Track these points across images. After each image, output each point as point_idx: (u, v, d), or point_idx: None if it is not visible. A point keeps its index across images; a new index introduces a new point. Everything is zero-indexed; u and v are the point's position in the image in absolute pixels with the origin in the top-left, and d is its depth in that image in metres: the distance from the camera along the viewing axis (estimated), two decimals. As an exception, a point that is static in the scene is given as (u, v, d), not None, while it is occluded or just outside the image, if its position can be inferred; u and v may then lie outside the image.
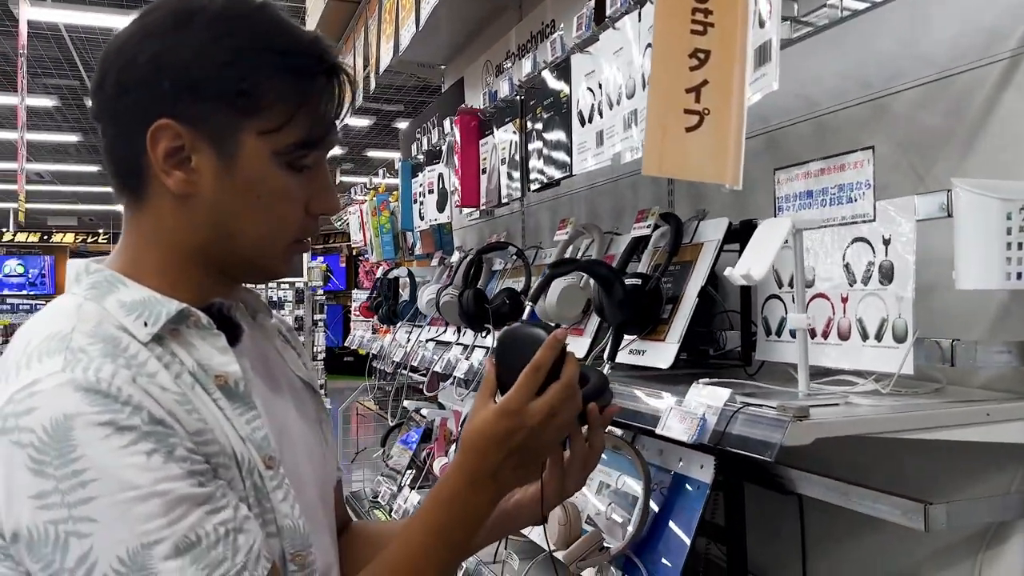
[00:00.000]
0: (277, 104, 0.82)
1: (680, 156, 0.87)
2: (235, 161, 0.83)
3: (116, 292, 0.83)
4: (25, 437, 0.72)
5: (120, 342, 0.79)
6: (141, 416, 0.74)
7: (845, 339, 1.18)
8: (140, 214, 0.86)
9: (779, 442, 0.94)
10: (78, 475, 0.70)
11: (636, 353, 1.40)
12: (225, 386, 0.83)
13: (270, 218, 0.86)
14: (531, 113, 1.71)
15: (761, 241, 1.09)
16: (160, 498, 0.72)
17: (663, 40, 0.88)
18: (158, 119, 0.80)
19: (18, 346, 0.80)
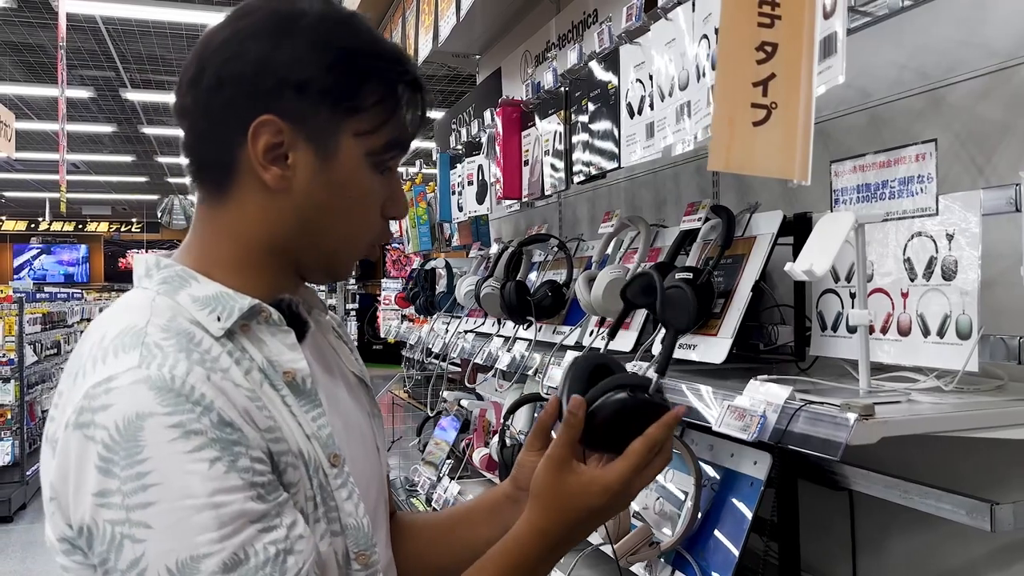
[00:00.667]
0: (373, 107, 0.85)
1: (747, 151, 0.85)
2: (332, 159, 0.85)
3: (188, 287, 0.84)
4: (98, 433, 0.73)
5: (194, 336, 0.80)
6: (210, 418, 0.74)
7: (905, 335, 1.16)
8: (221, 208, 0.87)
9: (845, 441, 0.93)
10: (141, 477, 0.71)
11: (687, 348, 1.38)
12: (293, 383, 0.84)
13: (355, 218, 0.88)
14: (576, 104, 1.69)
15: (822, 235, 1.07)
16: (215, 511, 0.72)
17: (729, 32, 0.86)
18: (260, 115, 0.82)
19: (92, 340, 0.81)
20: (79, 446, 0.73)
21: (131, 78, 7.75)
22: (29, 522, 6.64)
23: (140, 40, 6.61)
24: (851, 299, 1.26)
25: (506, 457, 1.87)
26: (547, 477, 0.91)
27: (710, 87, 1.19)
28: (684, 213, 1.48)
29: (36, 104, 8.91)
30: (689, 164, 2.04)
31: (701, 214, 1.43)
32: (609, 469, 0.90)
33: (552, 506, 0.90)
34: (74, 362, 0.81)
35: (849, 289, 1.27)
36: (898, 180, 1.18)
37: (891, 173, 1.19)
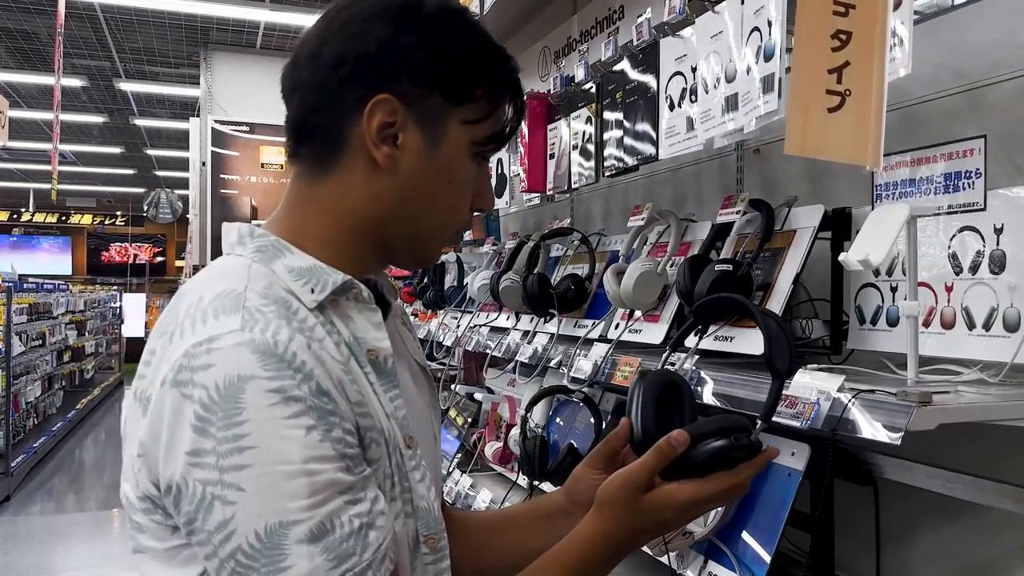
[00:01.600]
0: (481, 99, 0.88)
1: (822, 137, 0.87)
2: (439, 144, 0.87)
3: (283, 257, 0.85)
4: (196, 392, 0.73)
5: (291, 305, 0.80)
6: (309, 386, 0.74)
7: (949, 328, 1.18)
8: (321, 183, 0.88)
9: (904, 427, 0.94)
10: (238, 440, 0.71)
11: (723, 339, 1.39)
12: (375, 361, 0.85)
13: (451, 203, 0.90)
14: (609, 98, 1.70)
15: (876, 227, 1.08)
16: (308, 478, 0.72)
17: (806, 20, 0.87)
18: (378, 94, 0.84)
19: (188, 301, 0.81)
20: (175, 404, 0.73)
21: (126, 68, 7.69)
22: (13, 514, 6.55)
23: (138, 30, 6.57)
24: (891, 293, 1.28)
25: (528, 449, 1.87)
26: (622, 494, 0.89)
27: (762, 79, 1.20)
28: (721, 206, 1.49)
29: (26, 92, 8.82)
30: (713, 161, 2.05)
31: (739, 207, 1.44)
32: (685, 489, 0.89)
33: (623, 517, 0.89)
34: (167, 322, 0.81)
35: (890, 283, 1.28)
36: (943, 175, 1.20)
37: (935, 169, 1.21)
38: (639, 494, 0.88)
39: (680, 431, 0.89)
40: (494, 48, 0.90)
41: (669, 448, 0.88)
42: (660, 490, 0.88)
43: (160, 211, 15.99)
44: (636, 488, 0.88)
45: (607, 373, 1.60)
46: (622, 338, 1.67)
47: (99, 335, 13.64)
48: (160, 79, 8.12)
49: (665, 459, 0.88)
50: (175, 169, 13.68)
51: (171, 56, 7.36)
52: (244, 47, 6.86)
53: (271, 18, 6.07)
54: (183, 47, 7.04)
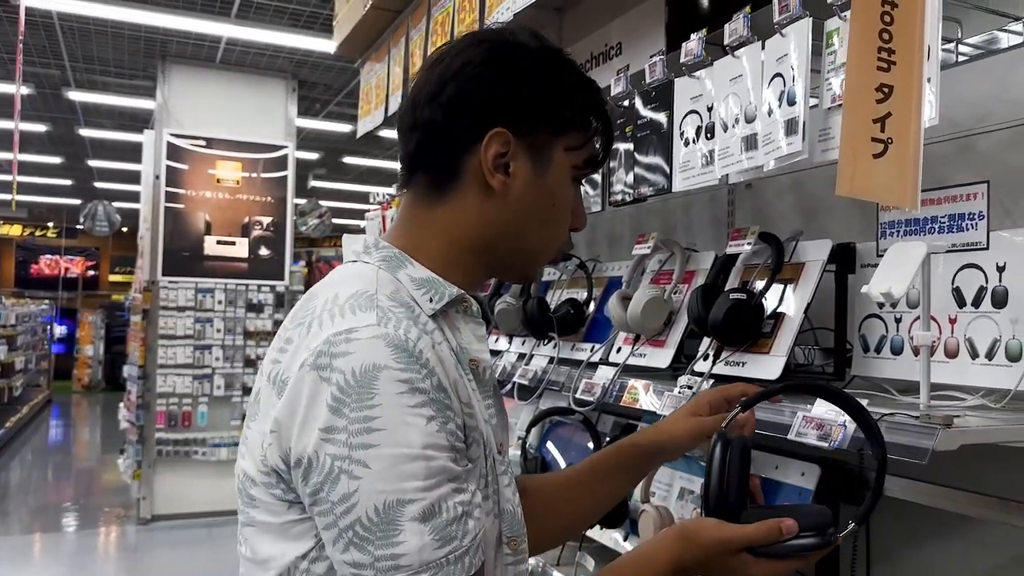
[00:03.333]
0: (581, 128, 0.98)
1: (868, 179, 0.95)
2: (546, 170, 0.96)
3: (405, 268, 0.93)
4: (335, 376, 0.80)
5: (414, 310, 0.88)
6: (432, 381, 0.81)
7: (952, 357, 1.28)
8: (436, 208, 0.96)
9: (931, 448, 1.02)
10: (368, 421, 0.78)
11: (735, 364, 1.47)
12: (476, 370, 0.93)
13: (554, 223, 1.00)
14: (618, 131, 1.78)
15: (895, 261, 1.17)
16: (425, 462, 0.79)
17: (855, 75, 0.96)
18: (494, 127, 0.92)
19: (325, 297, 0.88)
20: (313, 385, 0.80)
21: (77, 78, 7.51)
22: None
23: (95, 40, 6.44)
24: (895, 323, 1.38)
25: (529, 470, 1.91)
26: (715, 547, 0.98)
27: (786, 121, 1.28)
28: (730, 238, 1.57)
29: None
30: (703, 194, 2.15)
31: (750, 239, 1.52)
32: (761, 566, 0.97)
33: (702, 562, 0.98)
34: (302, 314, 0.89)
35: (894, 314, 1.38)
36: (948, 216, 1.30)
37: (941, 210, 1.32)
38: (727, 556, 0.97)
39: (793, 522, 0.97)
40: (587, 82, 1.00)
41: (776, 532, 0.97)
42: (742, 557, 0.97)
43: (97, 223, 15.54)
44: (728, 550, 0.97)
45: (615, 395, 1.67)
46: (627, 362, 1.73)
47: (29, 351, 13.15)
48: (112, 90, 7.95)
49: (768, 539, 0.96)
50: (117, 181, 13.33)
51: (126, 67, 7.23)
52: (204, 60, 6.78)
53: (234, 33, 6.04)
54: (139, 58, 6.93)
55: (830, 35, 1.24)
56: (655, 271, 1.85)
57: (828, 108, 1.24)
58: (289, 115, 7.13)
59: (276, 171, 6.94)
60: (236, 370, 6.69)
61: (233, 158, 6.81)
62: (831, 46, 1.24)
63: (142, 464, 6.47)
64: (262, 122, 7.01)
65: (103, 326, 16.13)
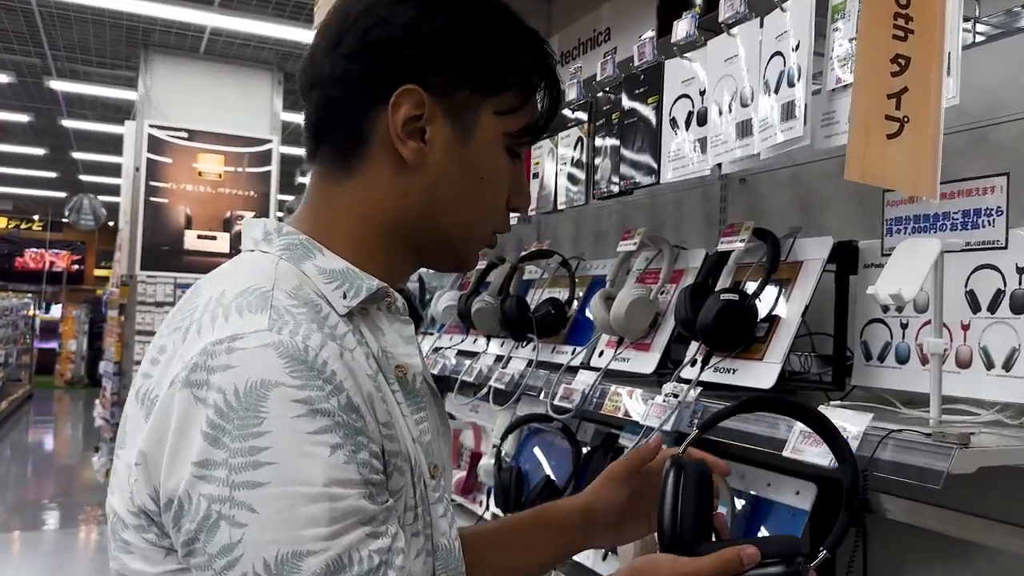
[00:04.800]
0: (515, 87, 0.82)
1: (881, 163, 0.83)
2: (470, 136, 0.80)
3: (312, 258, 0.77)
4: (212, 396, 0.64)
5: (321, 309, 0.73)
6: (339, 399, 0.67)
7: (965, 367, 1.16)
8: (345, 183, 0.81)
9: (946, 470, 0.90)
10: (255, 453, 0.63)
11: (725, 372, 1.35)
12: (403, 379, 0.78)
13: (484, 201, 0.84)
14: (604, 118, 1.66)
15: (905, 261, 1.05)
16: (329, 503, 0.64)
17: (867, 43, 0.84)
18: (403, 84, 0.77)
19: (208, 295, 0.72)
20: (186, 407, 0.65)
21: (58, 66, 7.35)
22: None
23: (75, 26, 6.29)
24: (901, 329, 1.26)
25: (503, 481, 1.78)
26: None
27: (783, 105, 1.16)
28: (722, 234, 1.45)
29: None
30: (695, 190, 2.03)
31: (743, 235, 1.40)
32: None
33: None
34: (181, 317, 0.73)
35: (900, 319, 1.26)
36: (961, 212, 1.18)
37: (952, 204, 1.20)
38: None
39: (754, 549, 0.82)
40: (527, 32, 0.84)
41: (736, 562, 0.81)
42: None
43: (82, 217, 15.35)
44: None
45: (596, 402, 1.54)
46: (610, 367, 1.61)
47: (9, 345, 12.94)
48: (94, 79, 7.79)
49: (728, 570, 0.80)
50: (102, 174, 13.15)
51: (108, 56, 7.06)
52: (187, 51, 6.64)
53: (219, 22, 5.89)
54: (122, 47, 6.77)
55: (836, 9, 1.12)
56: (641, 270, 1.72)
57: (832, 90, 1.12)
58: (275, 108, 6.99)
59: (260, 166, 6.80)
60: (215, 368, 6.53)
61: (216, 151, 6.67)
62: (836, 21, 1.12)
63: (117, 463, 6.31)
64: (247, 115, 6.86)
65: (87, 321, 15.92)
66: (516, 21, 0.84)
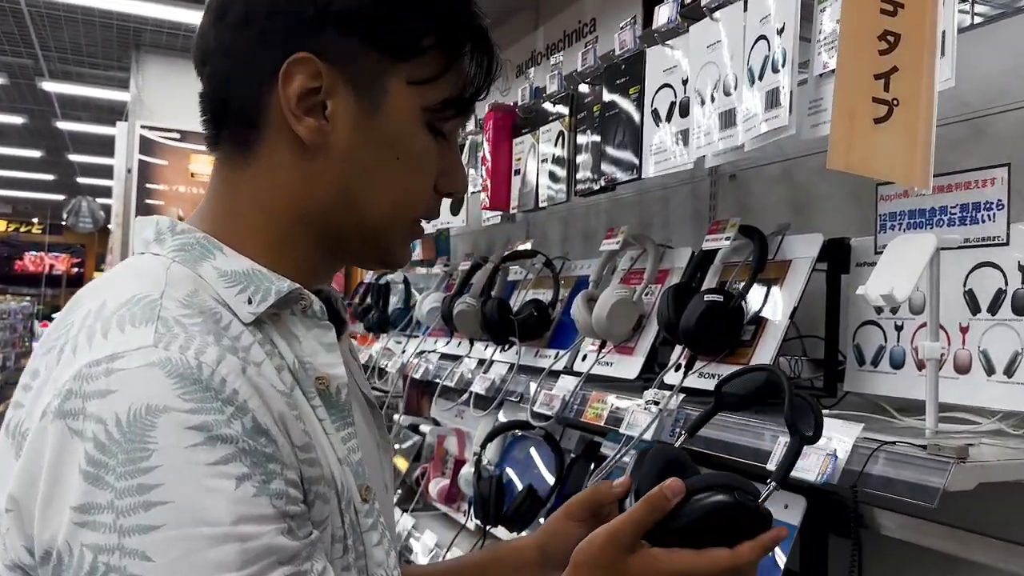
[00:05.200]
0: (431, 52, 0.70)
1: (868, 150, 0.75)
2: (379, 110, 0.70)
3: (211, 259, 0.68)
4: (89, 427, 0.55)
5: (220, 318, 0.64)
6: (243, 422, 0.58)
7: (963, 373, 1.08)
8: (244, 171, 0.71)
9: (942, 487, 0.82)
10: (144, 491, 0.54)
11: (709, 377, 1.27)
12: (325, 392, 0.68)
13: (404, 183, 0.73)
14: (585, 111, 1.58)
15: (897, 259, 0.98)
16: (239, 544, 0.56)
17: (851, 19, 0.77)
18: (295, 53, 0.67)
19: (86, 309, 0.63)
20: (60, 442, 0.56)
21: (50, 68, 7.28)
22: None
23: (65, 27, 6.22)
24: (896, 332, 1.18)
25: (482, 490, 1.71)
26: (604, 554, 0.74)
27: (768, 92, 1.09)
28: (707, 232, 1.38)
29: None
30: (684, 186, 1.95)
31: (729, 233, 1.32)
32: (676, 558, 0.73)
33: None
34: (56, 335, 0.63)
35: (894, 321, 1.18)
36: (959, 206, 1.11)
37: (949, 198, 1.12)
38: (624, 555, 0.72)
39: (675, 479, 0.74)
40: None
41: (661, 499, 0.72)
42: (647, 552, 0.73)
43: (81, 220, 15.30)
44: (621, 547, 0.73)
45: (576, 409, 1.47)
46: (592, 371, 1.53)
47: (7, 348, 12.89)
48: (87, 80, 7.72)
49: (656, 511, 0.73)
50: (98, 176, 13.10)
51: (100, 57, 6.99)
52: (179, 51, 6.56)
53: (210, 23, 5.82)
54: (113, 48, 6.70)
55: (823, -11, 1.04)
56: (626, 269, 1.65)
57: (820, 75, 1.05)
58: (269, 109, 6.90)
59: (254, 166, 6.72)
60: (209, 371, 6.46)
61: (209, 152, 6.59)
62: (823, 1, 1.04)
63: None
64: (240, 115, 6.77)
65: (86, 324, 15.84)
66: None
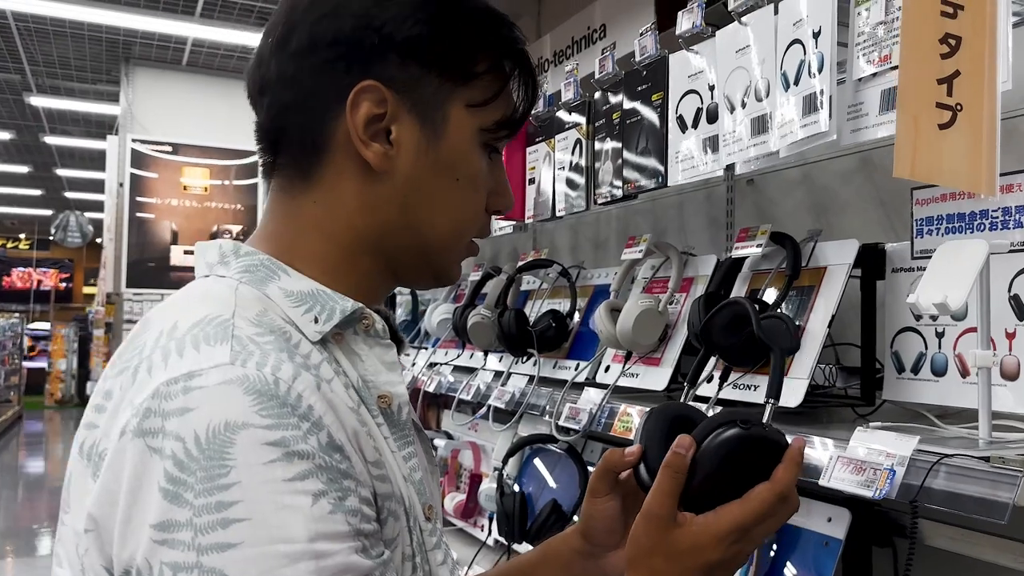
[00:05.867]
0: (487, 75, 0.73)
1: (934, 157, 0.73)
2: (441, 134, 0.71)
3: (277, 279, 0.68)
4: (168, 445, 0.55)
5: (290, 337, 0.64)
6: (319, 437, 0.57)
7: (1012, 379, 1.05)
8: (305, 195, 0.72)
9: (1011, 502, 0.80)
10: (223, 508, 0.54)
11: (745, 388, 1.24)
12: (387, 410, 0.68)
13: (462, 204, 0.75)
14: (604, 119, 1.55)
15: (947, 265, 0.95)
16: (315, 562, 0.55)
17: (912, 21, 0.74)
18: (361, 81, 0.68)
19: (157, 330, 0.63)
20: (139, 460, 0.56)
21: (38, 83, 7.22)
22: None
23: (54, 42, 6.17)
24: (937, 339, 1.15)
25: (506, 507, 1.68)
26: (650, 539, 0.74)
27: (807, 96, 1.06)
28: (736, 239, 1.35)
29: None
30: (698, 192, 1.93)
31: (760, 240, 1.30)
32: (724, 514, 0.74)
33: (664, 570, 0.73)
34: (128, 355, 0.63)
35: (935, 328, 1.16)
36: (1001, 210, 1.08)
37: (988, 202, 1.10)
38: (668, 529, 0.73)
39: (681, 435, 0.76)
40: (494, 14, 0.75)
41: (677, 458, 0.74)
42: (694, 521, 0.73)
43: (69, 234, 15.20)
44: (661, 521, 0.73)
45: (604, 423, 1.44)
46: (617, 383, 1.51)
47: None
48: (76, 95, 7.67)
49: (679, 472, 0.74)
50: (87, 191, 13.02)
51: (89, 71, 6.94)
52: (169, 63, 6.53)
53: (201, 33, 5.78)
54: (102, 62, 6.65)
55: (861, -9, 1.02)
56: (647, 278, 1.62)
57: (859, 79, 1.02)
58: (260, 119, 6.87)
59: (247, 178, 6.69)
60: (206, 385, 6.41)
61: (201, 165, 6.56)
62: (861, 4, 1.02)
63: (107, 485, 6.18)
64: (232, 127, 6.73)
65: (76, 339, 15.72)
66: (481, 3, 0.75)
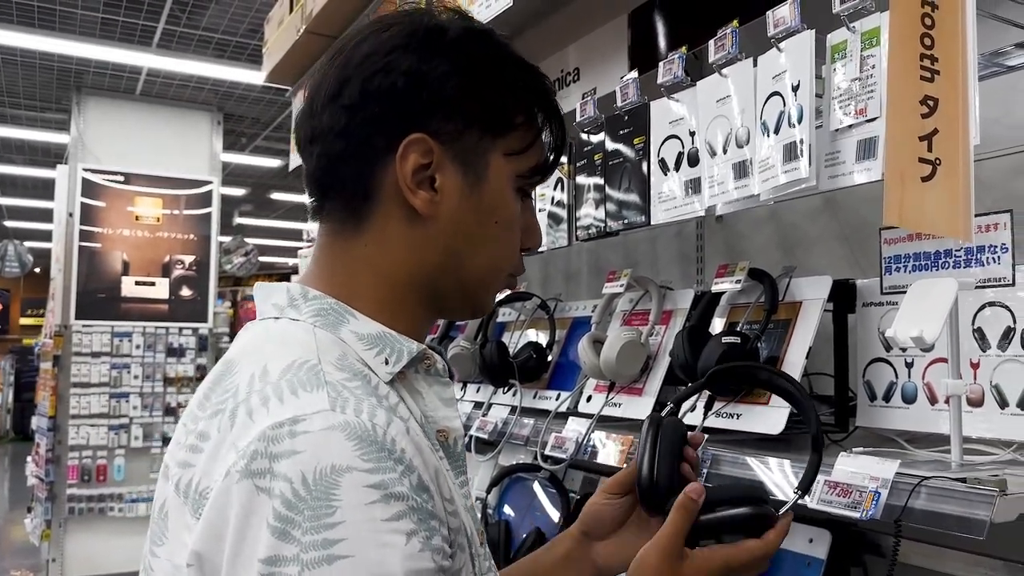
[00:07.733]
0: (522, 126, 0.79)
1: (918, 207, 0.81)
2: (482, 181, 0.78)
3: (347, 323, 0.73)
4: (277, 486, 0.59)
5: (370, 379, 0.68)
6: (411, 479, 0.62)
7: (976, 406, 1.14)
8: (357, 238, 0.77)
9: (988, 519, 0.87)
10: (329, 546, 0.58)
11: (728, 416, 1.31)
12: (445, 443, 0.74)
13: (501, 245, 0.81)
14: (586, 159, 1.63)
15: (920, 301, 1.03)
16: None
17: (897, 86, 0.83)
18: (410, 133, 0.73)
19: (248, 373, 0.67)
20: (247, 499, 0.59)
21: (-18, 110, 7.07)
22: None
23: (1, 69, 6.06)
24: (907, 368, 1.24)
25: (491, 536, 1.71)
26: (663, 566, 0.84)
27: (788, 144, 1.15)
28: (715, 275, 1.43)
29: None
30: (669, 227, 2.01)
31: (738, 276, 1.37)
32: (718, 552, 0.86)
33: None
34: (219, 396, 0.67)
35: (904, 358, 1.24)
36: (964, 249, 1.18)
37: (953, 242, 1.19)
38: (678, 562, 0.84)
39: (693, 484, 0.88)
40: (529, 69, 0.82)
41: (691, 503, 0.85)
42: (694, 555, 0.84)
43: (7, 264, 14.73)
44: (673, 555, 0.84)
45: (590, 450, 1.49)
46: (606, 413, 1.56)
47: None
48: (23, 123, 7.51)
49: (690, 514, 0.85)
50: (28, 220, 12.67)
51: (37, 99, 6.82)
52: (123, 92, 6.44)
53: (156, 64, 5.74)
54: (52, 90, 6.54)
55: (836, 48, 1.11)
56: (626, 311, 1.69)
57: (835, 130, 1.11)
58: (214, 149, 6.82)
59: (200, 207, 6.61)
60: (156, 419, 6.26)
61: (153, 194, 6.46)
62: (836, 61, 1.11)
63: (52, 523, 5.97)
64: (185, 157, 6.67)
65: (12, 372, 15.17)
66: (517, 59, 0.82)
